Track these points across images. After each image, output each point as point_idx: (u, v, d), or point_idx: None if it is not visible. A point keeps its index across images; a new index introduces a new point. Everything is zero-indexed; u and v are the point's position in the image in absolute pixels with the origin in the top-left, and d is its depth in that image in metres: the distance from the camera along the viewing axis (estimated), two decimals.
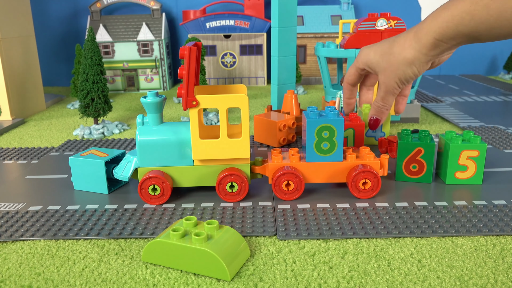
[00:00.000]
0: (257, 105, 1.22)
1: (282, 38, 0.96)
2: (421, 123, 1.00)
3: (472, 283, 0.41)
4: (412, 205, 0.56)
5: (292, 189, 0.58)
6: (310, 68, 1.59)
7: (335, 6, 1.58)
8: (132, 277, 0.43)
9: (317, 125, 0.57)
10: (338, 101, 0.88)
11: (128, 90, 1.49)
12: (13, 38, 1.10)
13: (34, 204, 0.59)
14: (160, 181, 0.57)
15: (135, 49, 1.46)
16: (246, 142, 0.57)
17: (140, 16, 1.50)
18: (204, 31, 1.49)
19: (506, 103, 1.19)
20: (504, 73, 1.69)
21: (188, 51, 0.53)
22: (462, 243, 0.48)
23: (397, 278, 0.42)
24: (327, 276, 0.43)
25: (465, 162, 0.62)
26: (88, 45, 0.91)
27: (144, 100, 0.58)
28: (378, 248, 0.47)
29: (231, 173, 0.58)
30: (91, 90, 0.91)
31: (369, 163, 0.59)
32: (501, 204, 0.57)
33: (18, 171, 0.72)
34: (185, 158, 0.59)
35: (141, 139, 0.58)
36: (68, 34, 1.64)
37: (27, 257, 0.47)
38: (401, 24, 0.93)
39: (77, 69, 1.28)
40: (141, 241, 0.50)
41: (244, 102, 0.56)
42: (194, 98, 0.55)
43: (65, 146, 0.85)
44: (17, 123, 1.05)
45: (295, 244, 0.48)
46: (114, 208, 0.57)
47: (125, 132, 0.96)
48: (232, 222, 0.53)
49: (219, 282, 0.42)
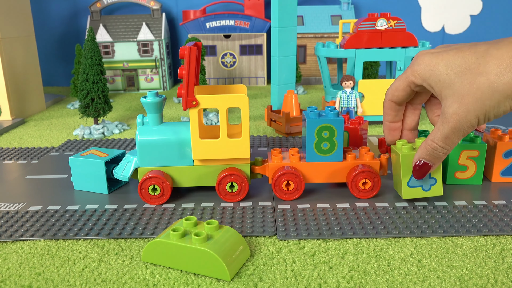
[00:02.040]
0: (257, 105, 1.22)
1: (282, 38, 0.96)
2: (421, 123, 1.00)
3: (472, 283, 0.41)
4: (412, 205, 0.56)
5: (292, 189, 0.58)
6: (310, 68, 1.59)
7: (335, 6, 1.58)
8: (132, 277, 0.43)
9: (317, 125, 0.57)
10: (338, 101, 0.88)
11: (128, 90, 1.49)
12: (13, 38, 1.10)
13: (34, 204, 0.59)
14: (160, 181, 0.57)
15: (135, 49, 1.46)
16: (246, 142, 0.57)
17: (140, 16, 1.50)
18: (204, 31, 1.49)
19: None
20: None
21: (188, 51, 0.53)
22: (462, 243, 0.48)
23: (397, 278, 0.42)
24: (327, 276, 0.43)
25: (465, 162, 0.62)
26: (88, 45, 0.91)
27: (144, 100, 0.58)
28: (378, 248, 0.47)
29: (231, 173, 0.58)
30: (91, 90, 0.91)
31: (369, 163, 0.59)
32: (501, 204, 0.57)
33: (18, 171, 0.72)
34: (185, 158, 0.59)
35: (141, 139, 0.58)
36: (68, 34, 1.64)
37: (27, 257, 0.47)
38: (401, 24, 0.93)
39: (77, 69, 1.28)
40: (141, 241, 0.50)
41: (244, 102, 0.56)
42: (194, 98, 0.55)
43: (65, 146, 0.85)
44: (17, 123, 1.05)
45: (295, 244, 0.48)
46: (114, 208, 0.57)
47: (125, 132, 0.96)
48: (232, 222, 0.53)
49: (219, 282, 0.42)
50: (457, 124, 0.35)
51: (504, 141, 0.62)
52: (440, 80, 0.36)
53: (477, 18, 1.68)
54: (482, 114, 0.34)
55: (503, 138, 0.62)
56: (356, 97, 0.90)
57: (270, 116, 0.93)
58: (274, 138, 0.89)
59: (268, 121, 0.94)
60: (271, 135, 0.92)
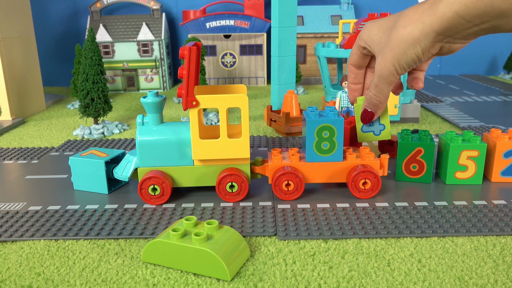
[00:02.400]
0: (257, 105, 1.22)
1: (282, 38, 0.96)
2: (421, 123, 1.00)
3: (472, 283, 0.41)
4: (412, 205, 0.56)
5: (292, 189, 0.58)
6: (310, 68, 1.59)
7: (335, 6, 1.58)
8: (132, 277, 0.43)
9: (317, 125, 0.57)
10: (338, 101, 0.88)
11: (128, 90, 1.49)
12: (13, 38, 1.10)
13: (34, 204, 0.59)
14: (160, 181, 0.57)
15: (135, 49, 1.46)
16: (246, 142, 0.57)
17: (140, 16, 1.50)
18: (204, 31, 1.49)
19: (506, 103, 1.19)
20: (504, 73, 1.69)
21: (188, 51, 0.53)
22: (462, 243, 0.48)
23: (397, 278, 0.42)
24: (327, 276, 0.43)
25: (465, 162, 0.62)
26: (88, 45, 0.91)
27: (144, 100, 0.58)
28: (378, 248, 0.47)
29: (231, 173, 0.58)
30: (91, 90, 0.91)
31: (369, 163, 0.59)
32: (501, 204, 0.57)
33: (18, 171, 0.72)
34: (185, 158, 0.59)
35: (141, 139, 0.58)
36: (68, 34, 1.64)
37: (27, 257, 0.47)
38: None
39: (77, 69, 1.28)
40: (141, 241, 0.50)
41: (244, 102, 0.56)
42: (194, 98, 0.55)
43: (65, 146, 0.85)
44: (17, 123, 1.05)
45: (295, 244, 0.48)
46: (114, 208, 0.57)
47: (125, 132, 0.96)
48: (232, 222, 0.53)
49: (219, 282, 0.42)
50: (380, 72, 0.42)
51: (504, 141, 0.62)
52: (374, 40, 0.42)
53: None
54: (396, 62, 0.40)
55: (503, 138, 0.62)
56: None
57: (270, 116, 0.93)
58: (274, 138, 0.89)
59: (268, 121, 0.94)
60: (271, 135, 0.92)
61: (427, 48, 0.39)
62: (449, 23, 0.36)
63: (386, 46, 0.40)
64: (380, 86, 0.43)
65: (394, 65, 0.41)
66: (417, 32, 0.38)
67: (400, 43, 0.39)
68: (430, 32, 0.37)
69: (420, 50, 0.39)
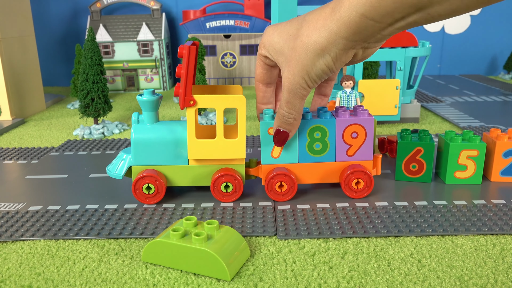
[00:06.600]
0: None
1: None
2: (421, 123, 1.00)
3: (472, 283, 0.41)
4: (412, 205, 0.56)
5: (285, 190, 0.58)
6: None
7: None
8: (132, 277, 0.43)
9: (309, 126, 0.57)
10: (338, 101, 0.88)
11: (128, 90, 1.49)
12: (13, 38, 1.10)
13: (34, 204, 0.59)
14: (153, 179, 0.57)
15: (135, 49, 1.46)
16: (242, 142, 0.57)
17: (140, 16, 1.50)
18: (204, 31, 1.49)
19: (506, 103, 1.19)
20: (504, 73, 1.69)
21: (187, 50, 0.53)
22: (462, 243, 0.48)
23: (397, 278, 0.42)
24: (327, 276, 0.43)
25: (465, 162, 0.62)
26: (88, 45, 0.91)
27: (140, 98, 0.58)
28: (378, 248, 0.47)
29: (223, 173, 0.57)
30: (91, 90, 0.91)
31: (359, 162, 0.59)
32: (501, 203, 0.57)
33: (18, 171, 0.72)
34: (180, 157, 0.59)
35: (136, 136, 0.58)
36: (68, 34, 1.64)
37: (27, 257, 0.47)
38: None
39: (77, 69, 1.28)
40: (141, 241, 0.50)
41: (242, 102, 0.55)
42: (192, 98, 0.55)
43: (65, 146, 0.85)
44: (17, 123, 1.05)
45: (295, 244, 0.48)
46: (114, 208, 0.57)
47: (125, 132, 0.96)
48: (232, 222, 0.53)
49: (219, 282, 0.42)
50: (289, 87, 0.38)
51: (504, 140, 0.62)
52: (276, 48, 0.38)
53: (477, 18, 1.68)
54: (305, 74, 0.37)
55: (503, 138, 0.62)
56: (356, 97, 0.90)
57: None
58: None
59: None
60: None
61: (338, 57, 0.35)
62: (357, 27, 0.33)
63: (292, 58, 0.36)
64: (292, 102, 0.39)
65: (304, 78, 0.37)
66: (323, 41, 0.34)
67: (306, 53, 0.35)
68: (339, 39, 0.34)
69: (330, 60, 0.35)
